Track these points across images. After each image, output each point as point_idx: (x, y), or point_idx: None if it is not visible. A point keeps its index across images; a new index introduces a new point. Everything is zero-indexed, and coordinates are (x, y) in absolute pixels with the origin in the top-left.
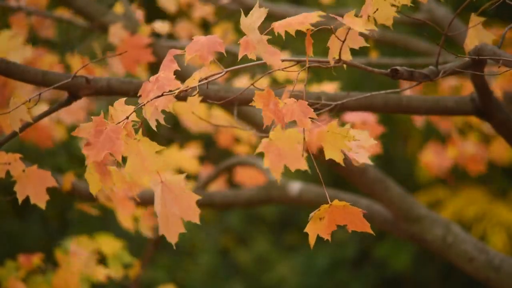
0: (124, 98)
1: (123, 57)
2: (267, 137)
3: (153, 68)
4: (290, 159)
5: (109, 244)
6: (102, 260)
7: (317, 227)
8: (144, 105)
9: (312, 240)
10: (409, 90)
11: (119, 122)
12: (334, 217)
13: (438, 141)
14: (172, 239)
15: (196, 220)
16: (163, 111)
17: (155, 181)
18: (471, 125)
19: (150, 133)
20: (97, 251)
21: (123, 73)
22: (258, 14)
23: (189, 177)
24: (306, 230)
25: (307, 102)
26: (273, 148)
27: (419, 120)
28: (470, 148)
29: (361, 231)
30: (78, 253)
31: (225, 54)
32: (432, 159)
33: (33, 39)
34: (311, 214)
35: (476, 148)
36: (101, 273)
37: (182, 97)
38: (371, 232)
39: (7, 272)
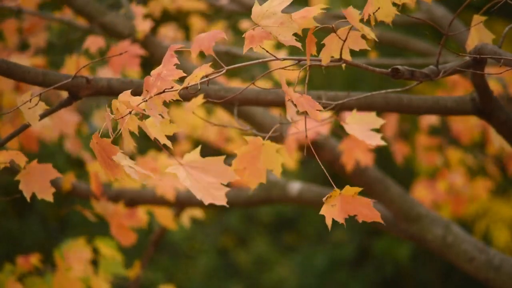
0: (130, 90)
1: (111, 58)
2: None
3: (146, 67)
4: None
5: (107, 246)
6: (100, 262)
7: (331, 212)
8: (149, 98)
9: (328, 221)
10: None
11: (125, 115)
12: (345, 206)
13: (427, 176)
14: (221, 201)
15: (234, 177)
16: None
17: (174, 165)
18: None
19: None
20: (95, 253)
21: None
22: (279, 1)
23: None
24: (322, 212)
25: (311, 97)
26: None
27: (399, 157)
28: (459, 180)
29: (371, 221)
30: (76, 256)
31: (226, 38)
32: (425, 194)
33: (25, 46)
34: (324, 198)
35: (464, 182)
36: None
37: (183, 96)
38: (381, 221)
39: (6, 275)
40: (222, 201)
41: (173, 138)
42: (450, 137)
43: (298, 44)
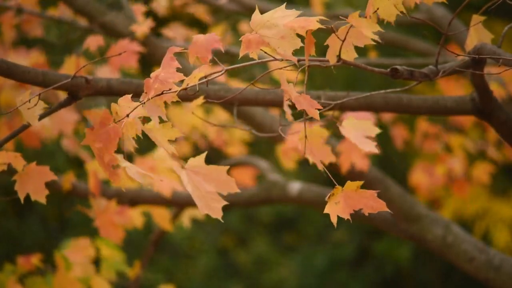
0: (130, 93)
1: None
2: (266, 137)
3: (146, 67)
4: None
5: (108, 245)
6: (99, 262)
7: (335, 209)
8: (147, 100)
9: (333, 218)
10: None
11: (122, 119)
12: (349, 201)
13: (426, 161)
14: (217, 214)
15: (235, 189)
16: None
17: (178, 168)
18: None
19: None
20: (95, 254)
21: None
22: (282, 14)
23: None
24: (326, 211)
25: (310, 97)
26: None
27: (399, 142)
28: (458, 165)
29: (378, 211)
30: (77, 256)
31: (223, 51)
32: (422, 179)
33: (23, 39)
34: (327, 197)
35: (462, 167)
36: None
37: (183, 97)
38: (388, 210)
39: (6, 275)
40: (218, 214)
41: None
42: (449, 123)
43: (295, 60)
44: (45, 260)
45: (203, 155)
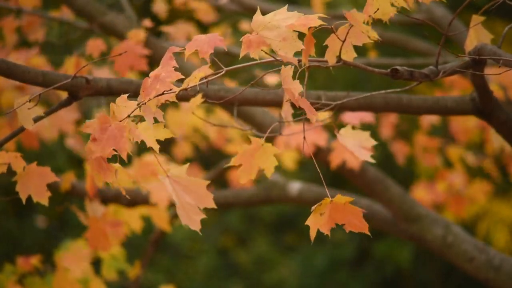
0: (127, 94)
1: (117, 59)
2: (265, 137)
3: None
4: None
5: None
6: (99, 262)
7: (317, 221)
8: (148, 101)
9: (312, 233)
10: None
11: (122, 120)
12: (334, 215)
13: (427, 178)
14: (195, 226)
15: (212, 205)
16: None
17: (162, 175)
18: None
19: None
20: (95, 253)
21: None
22: (283, 16)
23: None
24: (307, 222)
25: (311, 96)
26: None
27: (401, 158)
28: (459, 181)
29: (359, 231)
30: (76, 256)
31: (225, 49)
32: (424, 196)
33: (24, 42)
34: (313, 207)
35: (463, 183)
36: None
37: (182, 97)
38: (368, 233)
39: (6, 276)
40: (196, 226)
41: (171, 139)
42: (449, 136)
43: (296, 61)
44: (45, 260)
45: (186, 166)
